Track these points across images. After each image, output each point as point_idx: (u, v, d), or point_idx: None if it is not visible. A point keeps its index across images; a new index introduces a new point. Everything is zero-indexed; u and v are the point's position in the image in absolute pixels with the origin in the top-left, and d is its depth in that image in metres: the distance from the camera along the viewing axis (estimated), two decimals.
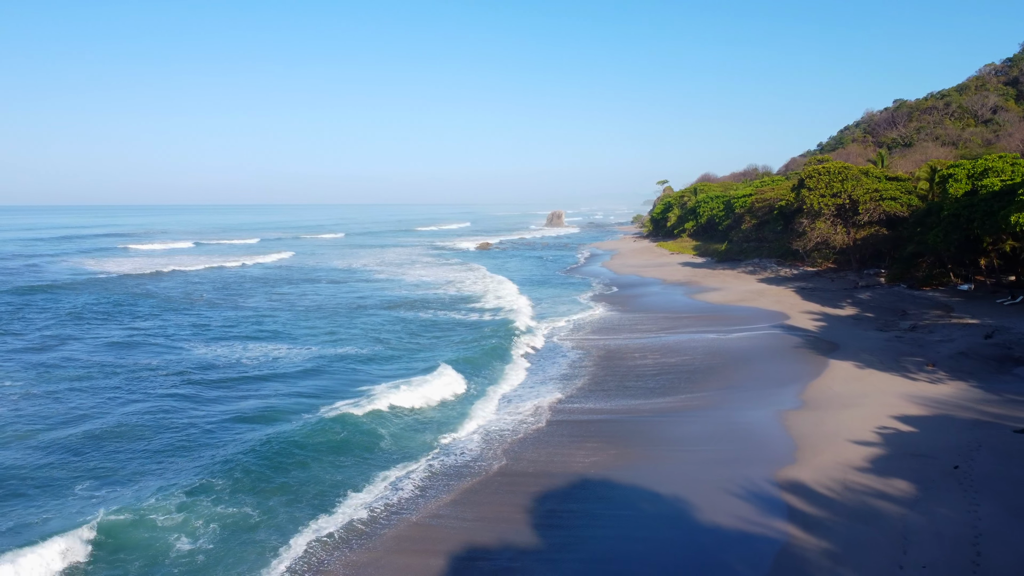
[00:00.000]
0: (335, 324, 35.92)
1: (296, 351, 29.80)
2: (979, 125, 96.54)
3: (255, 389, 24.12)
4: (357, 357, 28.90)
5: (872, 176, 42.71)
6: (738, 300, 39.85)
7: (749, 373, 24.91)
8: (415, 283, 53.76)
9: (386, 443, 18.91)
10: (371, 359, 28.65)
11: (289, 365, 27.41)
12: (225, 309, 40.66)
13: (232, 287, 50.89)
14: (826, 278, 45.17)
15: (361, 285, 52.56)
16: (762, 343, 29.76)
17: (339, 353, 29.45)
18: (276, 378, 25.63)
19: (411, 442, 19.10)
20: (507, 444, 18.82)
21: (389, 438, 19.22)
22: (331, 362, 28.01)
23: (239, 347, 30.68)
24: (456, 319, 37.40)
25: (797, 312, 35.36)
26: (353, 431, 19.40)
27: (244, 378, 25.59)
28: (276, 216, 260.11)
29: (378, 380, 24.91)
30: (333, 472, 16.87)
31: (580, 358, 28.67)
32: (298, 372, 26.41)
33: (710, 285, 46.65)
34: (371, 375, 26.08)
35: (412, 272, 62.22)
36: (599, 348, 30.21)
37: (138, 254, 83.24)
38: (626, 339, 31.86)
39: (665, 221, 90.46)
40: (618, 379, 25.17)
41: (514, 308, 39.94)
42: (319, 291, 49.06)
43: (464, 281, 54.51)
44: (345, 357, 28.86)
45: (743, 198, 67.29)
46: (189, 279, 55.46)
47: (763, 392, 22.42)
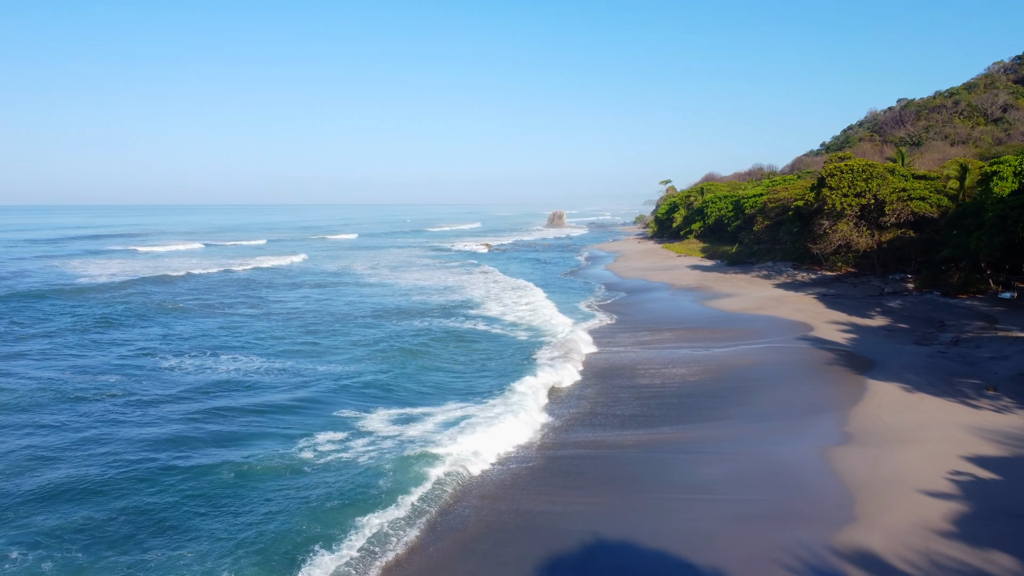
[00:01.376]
0: (361, 339, 32.78)
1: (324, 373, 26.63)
2: (989, 124, 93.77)
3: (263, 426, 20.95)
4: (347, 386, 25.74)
5: (898, 175, 39.49)
6: (755, 308, 36.63)
7: (778, 396, 21.69)
8: (418, 288, 50.58)
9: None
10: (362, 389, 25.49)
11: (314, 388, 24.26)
12: (262, 319, 37.44)
13: (256, 294, 47.69)
14: (847, 283, 41.95)
15: (372, 290, 49.40)
16: (787, 359, 26.54)
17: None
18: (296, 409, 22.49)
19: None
20: (487, 488, 15.62)
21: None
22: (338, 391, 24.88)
23: (279, 366, 27.50)
24: (460, 329, 34.23)
25: (822, 322, 32.14)
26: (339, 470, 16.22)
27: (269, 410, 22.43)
28: (278, 216, 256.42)
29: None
30: (299, 505, 13.69)
31: (579, 376, 25.44)
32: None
33: (723, 291, 43.42)
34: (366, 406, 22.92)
35: (414, 276, 59.06)
36: (601, 364, 26.98)
37: (150, 256, 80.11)
38: (631, 353, 28.62)
39: (671, 222, 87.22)
40: (623, 403, 21.93)
41: (515, 321, 36.81)
42: (341, 298, 45.89)
43: (471, 287, 51.37)
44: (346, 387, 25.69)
45: (753, 198, 64.10)
46: (208, 283, 52.27)
47: (798, 421, 19.21)
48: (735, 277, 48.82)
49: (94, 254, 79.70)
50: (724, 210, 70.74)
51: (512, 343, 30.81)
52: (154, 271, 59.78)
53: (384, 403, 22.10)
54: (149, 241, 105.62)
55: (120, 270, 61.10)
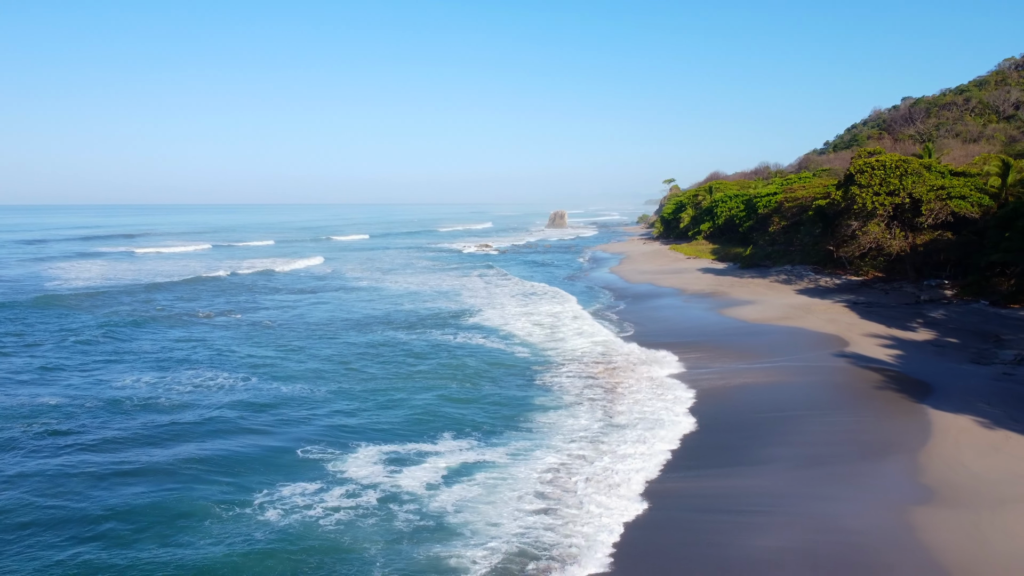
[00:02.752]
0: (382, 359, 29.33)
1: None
2: (1001, 121, 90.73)
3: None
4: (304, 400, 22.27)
5: (935, 171, 36.02)
6: (780, 318, 33.17)
7: (825, 431, 18.23)
8: (412, 293, 47.15)
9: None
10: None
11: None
12: (227, 329, 33.99)
13: (234, 299, 44.25)
14: (877, 290, 38.49)
15: (367, 294, 45.98)
16: (827, 380, 23.09)
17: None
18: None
19: None
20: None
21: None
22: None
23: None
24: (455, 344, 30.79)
25: (858, 335, 28.69)
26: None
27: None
28: (280, 216, 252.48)
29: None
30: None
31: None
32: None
33: (740, 297, 39.94)
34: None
35: (414, 280, 55.66)
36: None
37: (147, 258, 76.71)
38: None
39: (678, 222, 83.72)
40: None
41: (515, 334, 33.43)
42: (361, 304, 42.45)
43: (468, 292, 47.97)
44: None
45: (767, 197, 60.67)
46: (222, 288, 48.82)
47: (857, 466, 15.75)
48: (752, 282, 45.34)
49: (83, 256, 76.32)
50: (735, 210, 67.30)
51: (512, 361, 27.36)
52: (134, 275, 56.41)
53: (369, 438, 18.69)
54: (144, 242, 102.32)
55: (104, 273, 57.71)
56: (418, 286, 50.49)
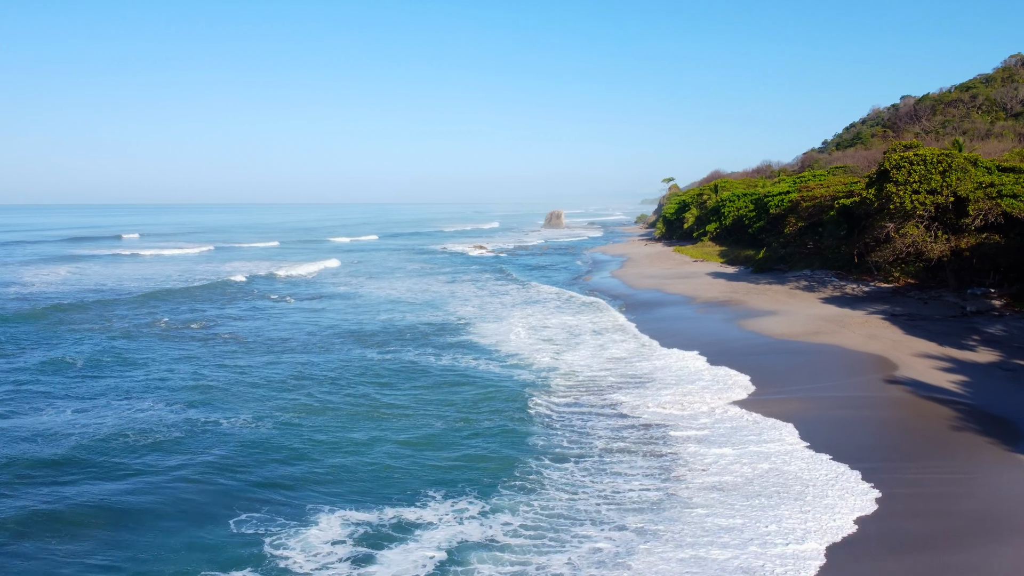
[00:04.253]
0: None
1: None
2: (1009, 118, 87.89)
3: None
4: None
5: (981, 167, 32.14)
6: (811, 333, 29.21)
7: (907, 495, 14.26)
8: (397, 302, 43.08)
9: None
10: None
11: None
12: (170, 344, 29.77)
13: (184, 310, 40.06)
14: (913, 299, 34.59)
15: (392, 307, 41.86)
16: (885, 417, 19.14)
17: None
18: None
19: None
20: None
21: None
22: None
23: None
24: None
25: (907, 355, 24.75)
26: None
27: None
28: (277, 216, 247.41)
29: None
30: None
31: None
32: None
33: (760, 307, 35.99)
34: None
35: (403, 286, 51.62)
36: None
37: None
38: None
39: (681, 222, 79.76)
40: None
41: (509, 353, 29.45)
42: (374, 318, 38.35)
43: (458, 303, 43.93)
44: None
45: (779, 196, 56.74)
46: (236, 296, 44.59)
47: (970, 555, 11.79)
48: (769, 288, 41.39)
49: (59, 259, 72.00)
50: (744, 209, 63.38)
51: (513, 389, 23.30)
52: (100, 279, 52.20)
53: (332, 499, 14.64)
54: (118, 245, 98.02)
55: (63, 279, 53.49)
56: (403, 292, 46.41)
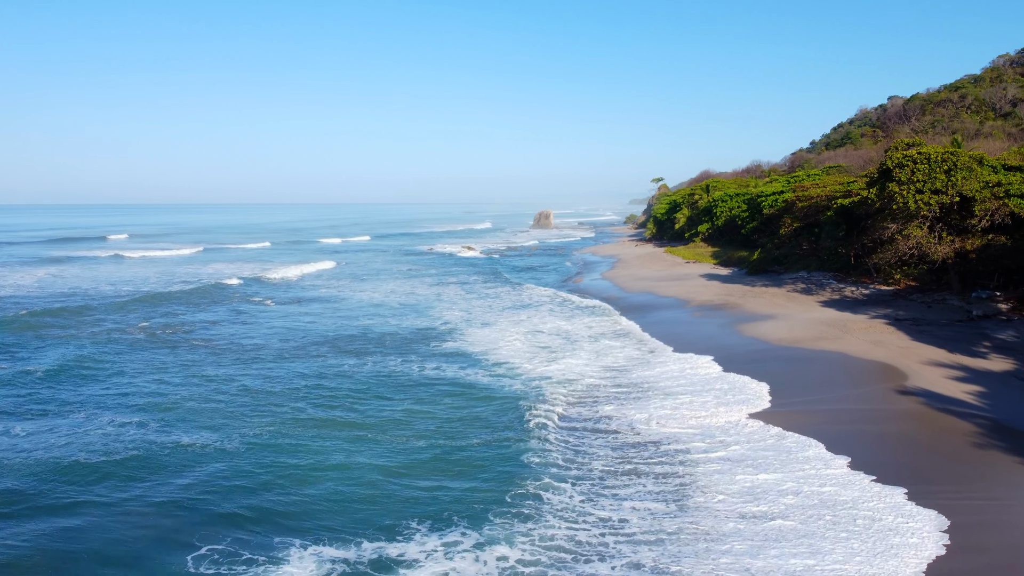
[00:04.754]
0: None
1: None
2: (998, 118, 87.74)
3: None
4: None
5: (987, 166, 30.92)
6: (812, 338, 27.84)
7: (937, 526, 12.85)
8: (377, 307, 41.40)
9: None
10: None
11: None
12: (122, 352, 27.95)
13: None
14: (915, 302, 33.34)
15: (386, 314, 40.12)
16: (901, 432, 17.76)
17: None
18: None
19: None
20: None
21: None
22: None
23: None
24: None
25: (916, 363, 23.42)
26: None
27: None
28: (272, 216, 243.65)
29: None
30: None
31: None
32: None
33: (757, 310, 34.63)
34: None
35: (390, 290, 49.93)
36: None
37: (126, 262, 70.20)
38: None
39: (672, 223, 78.47)
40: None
41: (500, 361, 27.96)
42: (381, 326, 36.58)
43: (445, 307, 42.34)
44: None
45: (772, 196, 55.56)
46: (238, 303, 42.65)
47: None
48: (766, 291, 40.07)
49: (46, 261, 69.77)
50: (736, 210, 62.17)
51: (503, 400, 21.76)
52: (75, 283, 50.18)
53: (304, 531, 13.04)
54: (95, 246, 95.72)
55: (28, 281, 51.44)
56: (388, 296, 44.78)
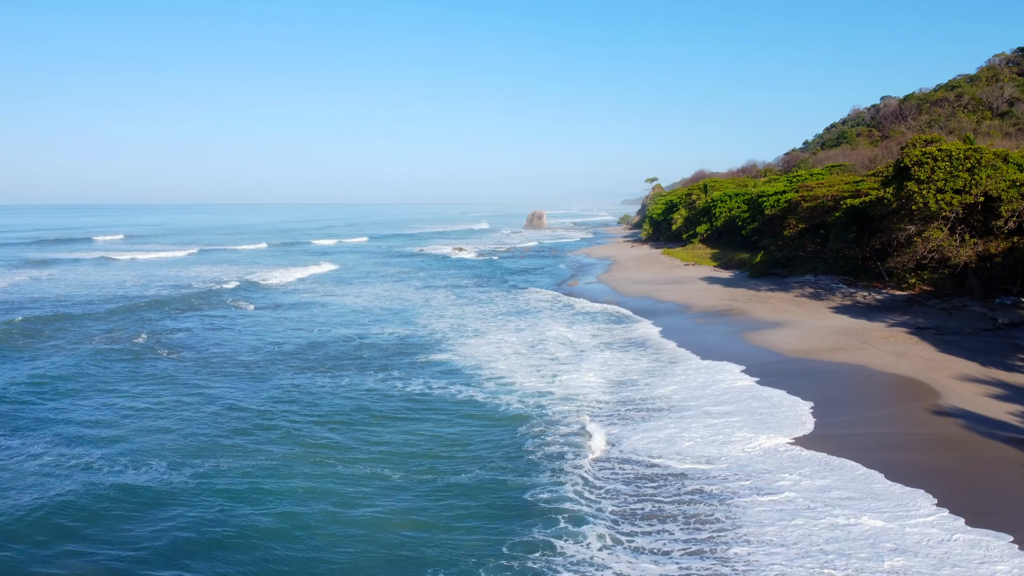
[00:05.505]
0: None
1: None
2: (995, 118, 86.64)
3: None
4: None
5: (1012, 163, 28.88)
6: (829, 349, 25.70)
7: None
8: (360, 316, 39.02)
9: None
10: None
11: None
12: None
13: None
14: (934, 308, 31.28)
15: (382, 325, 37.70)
16: (948, 466, 15.55)
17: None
18: None
19: None
20: None
21: None
22: None
23: None
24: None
25: (947, 379, 21.29)
26: None
27: None
28: (268, 217, 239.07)
29: None
30: None
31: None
32: None
33: (764, 317, 32.51)
34: None
35: (375, 294, 47.59)
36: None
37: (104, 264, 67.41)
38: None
39: (669, 224, 76.37)
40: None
41: (489, 377, 25.70)
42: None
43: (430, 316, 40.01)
44: None
45: (774, 196, 53.53)
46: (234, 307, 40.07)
47: None
48: (772, 296, 37.96)
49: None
50: (736, 210, 60.14)
51: (490, 420, 19.48)
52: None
53: None
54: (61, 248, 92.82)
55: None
56: (373, 301, 42.42)
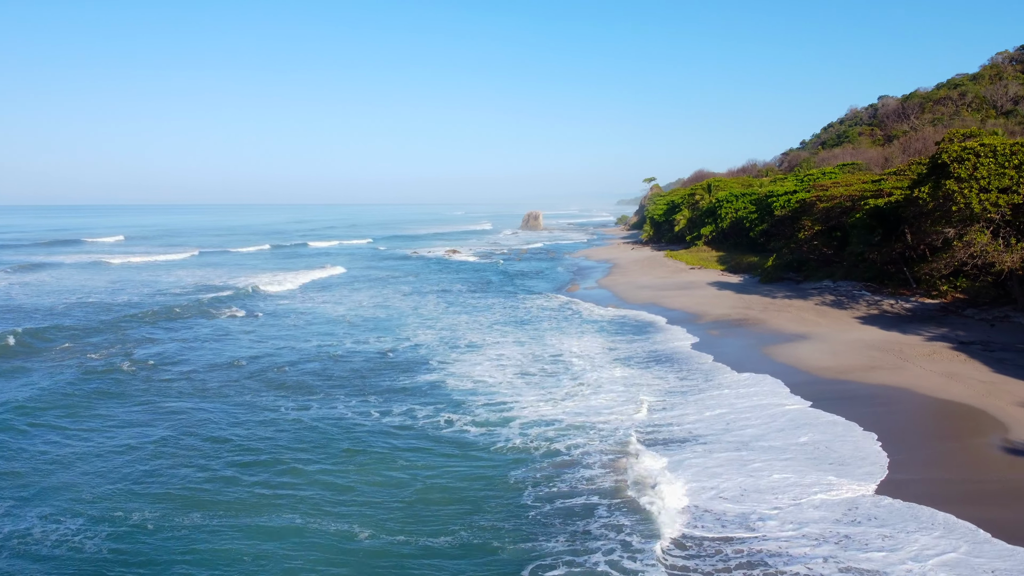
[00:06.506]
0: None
1: None
2: (1000, 116, 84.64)
3: None
4: None
5: None
6: (864, 368, 22.83)
7: None
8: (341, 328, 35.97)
9: None
10: None
11: None
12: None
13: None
14: (972, 319, 28.48)
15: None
16: None
17: None
18: None
19: None
20: None
21: None
22: None
23: None
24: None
25: (1011, 405, 18.46)
26: None
27: None
28: (264, 218, 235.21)
29: None
30: None
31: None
32: None
33: (785, 328, 29.64)
34: None
35: (358, 301, 44.63)
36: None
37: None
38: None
39: (671, 225, 73.54)
40: None
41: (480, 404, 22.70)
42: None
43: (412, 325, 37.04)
44: None
45: (785, 196, 50.83)
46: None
47: None
48: (790, 304, 35.11)
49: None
50: (743, 211, 57.34)
51: (482, 461, 16.54)
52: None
53: None
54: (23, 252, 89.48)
55: None
56: (355, 308, 39.40)
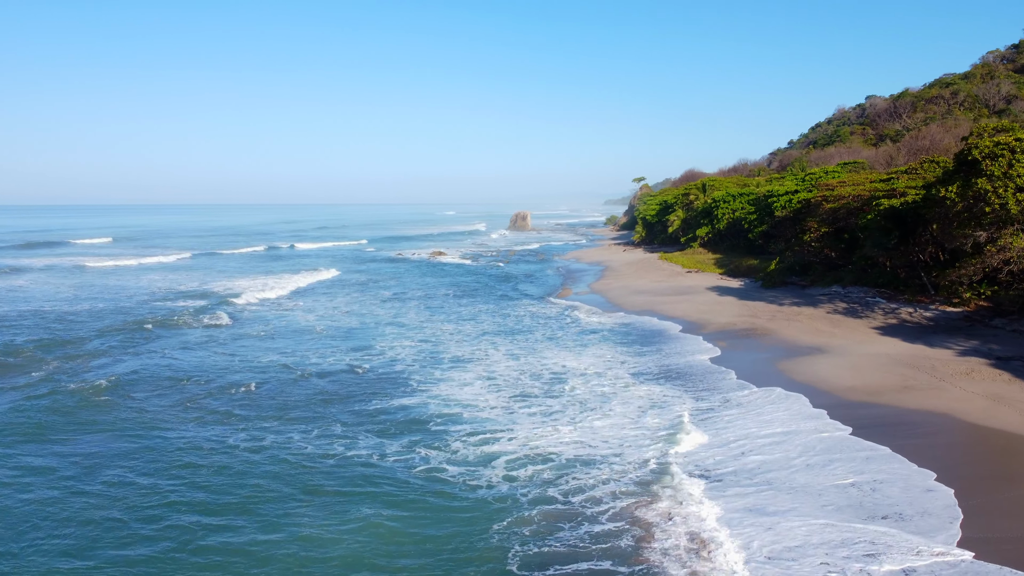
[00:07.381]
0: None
1: None
2: (992, 115, 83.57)
3: None
4: None
5: None
6: (894, 388, 20.30)
7: None
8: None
9: None
10: None
11: None
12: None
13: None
14: (1003, 330, 26.09)
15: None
16: None
17: None
18: None
19: None
20: None
21: None
22: None
23: None
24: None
25: None
26: None
27: None
28: (249, 218, 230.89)
29: None
30: None
31: None
32: None
33: (798, 339, 27.11)
34: None
35: (331, 308, 41.68)
36: None
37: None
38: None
39: (665, 226, 71.08)
40: None
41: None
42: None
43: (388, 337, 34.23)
44: None
45: (786, 196, 48.43)
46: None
47: None
48: (799, 312, 32.60)
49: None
50: (741, 211, 54.94)
51: (466, 509, 13.78)
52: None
53: None
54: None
55: None
56: (331, 315, 36.50)
